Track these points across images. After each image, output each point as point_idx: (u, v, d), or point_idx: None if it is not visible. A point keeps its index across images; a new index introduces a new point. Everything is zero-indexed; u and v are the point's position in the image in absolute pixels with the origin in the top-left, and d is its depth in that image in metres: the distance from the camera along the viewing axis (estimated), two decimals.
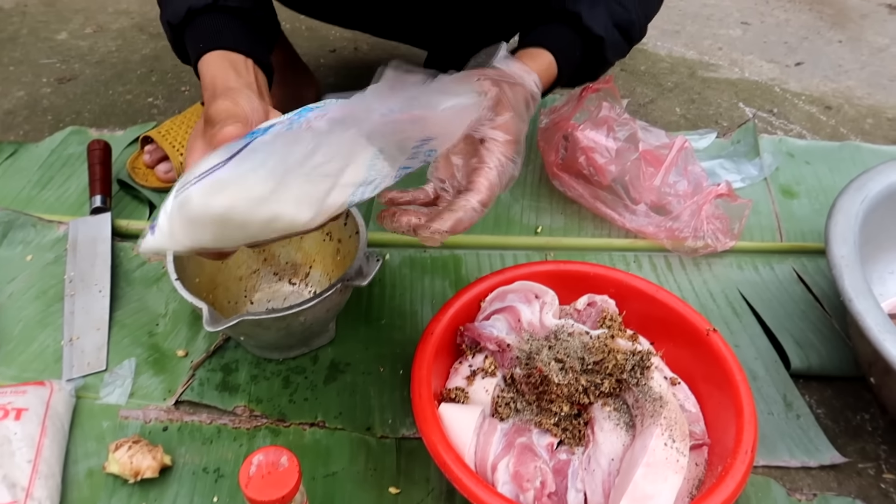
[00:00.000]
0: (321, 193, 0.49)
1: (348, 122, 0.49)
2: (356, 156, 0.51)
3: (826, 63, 1.42)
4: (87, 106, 1.22)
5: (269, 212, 0.48)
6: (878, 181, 0.83)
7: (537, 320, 0.72)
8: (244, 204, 0.47)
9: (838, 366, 0.80)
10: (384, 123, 0.50)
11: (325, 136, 0.48)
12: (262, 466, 0.54)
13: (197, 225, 0.49)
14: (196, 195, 0.48)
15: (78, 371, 0.76)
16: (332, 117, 0.50)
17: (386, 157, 0.52)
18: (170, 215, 0.50)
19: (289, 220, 0.49)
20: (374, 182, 0.52)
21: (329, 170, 0.49)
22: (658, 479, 0.57)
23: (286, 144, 0.48)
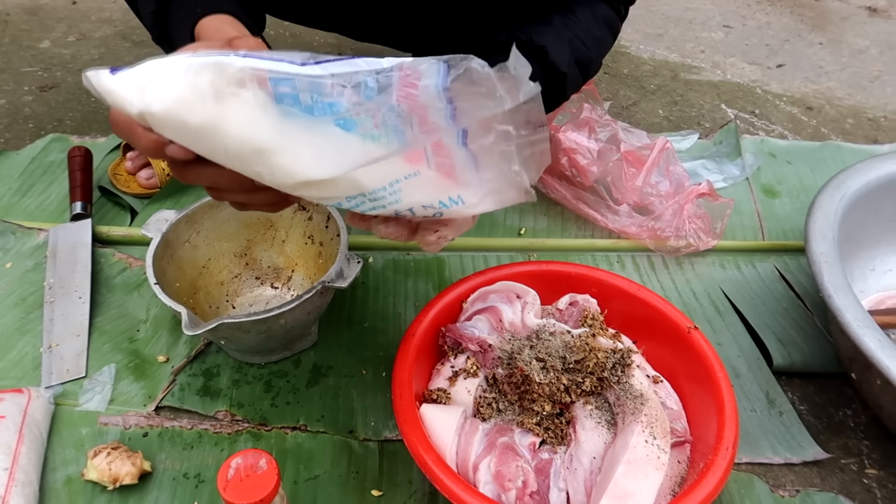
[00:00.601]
0: (358, 162, 0.43)
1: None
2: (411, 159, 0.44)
3: (807, 65, 1.44)
4: (69, 113, 1.22)
5: (286, 145, 0.41)
6: (857, 179, 0.84)
7: (519, 320, 0.72)
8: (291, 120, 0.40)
9: (820, 362, 0.80)
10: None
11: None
12: (241, 469, 0.54)
13: (199, 100, 0.41)
14: (240, 65, 0.40)
15: (57, 378, 0.76)
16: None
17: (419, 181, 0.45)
18: (168, 68, 0.41)
19: (297, 163, 0.42)
20: (382, 199, 0.47)
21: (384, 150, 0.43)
22: (639, 477, 0.57)
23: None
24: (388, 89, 0.41)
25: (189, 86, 0.41)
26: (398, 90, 0.41)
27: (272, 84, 0.41)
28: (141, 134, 0.44)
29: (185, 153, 0.44)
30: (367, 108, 0.42)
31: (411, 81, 0.42)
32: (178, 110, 0.41)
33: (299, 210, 0.82)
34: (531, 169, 0.47)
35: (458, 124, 0.43)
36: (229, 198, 0.51)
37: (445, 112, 0.42)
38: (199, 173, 0.47)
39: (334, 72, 0.41)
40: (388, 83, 0.41)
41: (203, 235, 0.80)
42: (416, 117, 0.43)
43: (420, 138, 0.43)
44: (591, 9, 0.84)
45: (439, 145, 0.44)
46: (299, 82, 0.41)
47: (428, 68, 0.42)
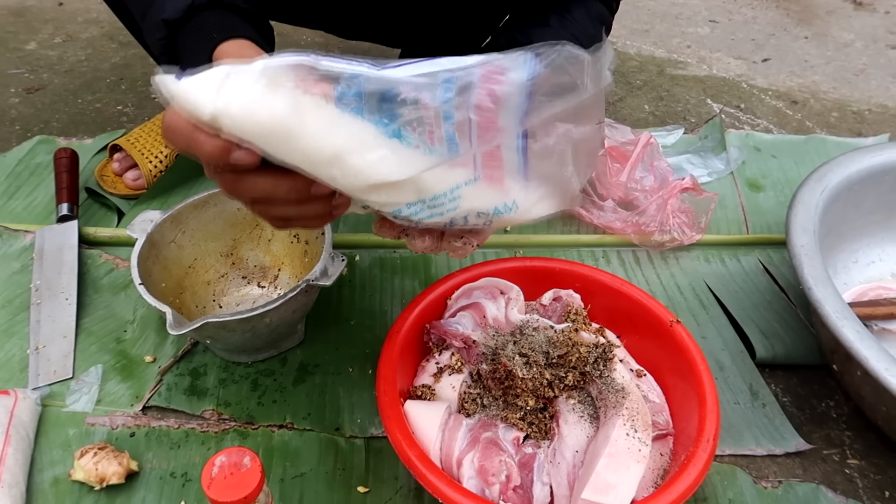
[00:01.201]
0: (421, 167, 0.43)
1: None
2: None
3: (792, 59, 1.44)
4: (56, 115, 1.22)
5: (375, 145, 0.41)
6: (838, 172, 0.84)
7: (503, 316, 0.72)
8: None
9: (803, 354, 0.81)
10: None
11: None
12: (225, 467, 0.54)
13: (279, 101, 0.40)
14: (326, 66, 0.39)
15: (44, 379, 0.76)
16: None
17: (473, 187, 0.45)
18: (244, 70, 0.40)
19: (371, 165, 0.42)
20: (441, 206, 0.46)
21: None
22: (620, 469, 0.57)
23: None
24: (469, 88, 0.41)
25: (268, 86, 0.40)
26: (480, 86, 0.41)
27: (347, 86, 0.41)
28: (204, 140, 0.42)
29: (251, 158, 0.43)
30: (429, 115, 0.42)
31: (496, 76, 0.41)
32: (256, 110, 0.40)
33: None
34: (581, 171, 0.47)
35: (523, 125, 0.43)
36: (278, 211, 0.50)
37: (519, 109, 0.42)
38: (255, 183, 0.46)
39: (416, 72, 0.41)
40: (469, 80, 0.41)
41: (189, 235, 0.81)
42: (480, 121, 0.42)
43: (477, 145, 0.43)
44: (585, 7, 0.84)
45: (496, 150, 0.44)
46: (372, 85, 0.41)
47: (514, 61, 0.42)
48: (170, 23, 0.64)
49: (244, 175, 0.45)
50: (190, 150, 0.44)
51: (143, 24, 0.68)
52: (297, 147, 0.42)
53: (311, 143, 0.41)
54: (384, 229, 0.53)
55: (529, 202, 0.48)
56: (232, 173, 0.45)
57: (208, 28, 0.62)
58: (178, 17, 0.64)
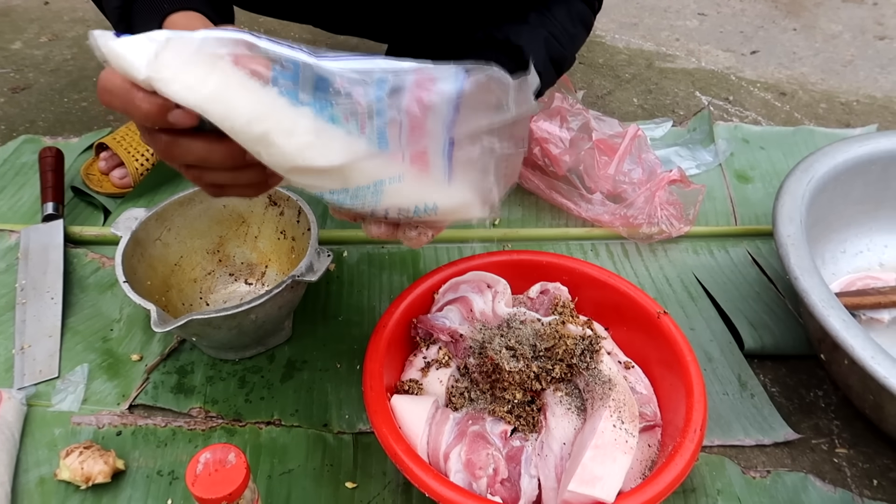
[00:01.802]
0: (347, 158, 0.44)
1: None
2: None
3: (781, 51, 1.44)
4: (42, 115, 1.21)
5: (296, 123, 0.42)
6: (825, 162, 0.84)
7: (490, 309, 0.72)
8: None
9: (792, 345, 0.81)
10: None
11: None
12: (210, 464, 0.54)
13: (216, 70, 0.40)
14: (263, 46, 0.40)
15: (30, 379, 0.75)
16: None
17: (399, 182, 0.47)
18: (184, 37, 0.41)
19: (295, 149, 0.43)
20: (363, 197, 0.48)
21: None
22: (607, 461, 0.57)
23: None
24: (400, 91, 0.43)
25: (205, 56, 0.41)
26: (411, 91, 0.43)
27: (283, 69, 0.41)
28: (141, 99, 0.42)
29: (188, 119, 0.43)
30: (361, 109, 0.43)
31: (426, 85, 0.43)
32: (190, 78, 0.41)
33: (270, 205, 0.82)
34: (501, 184, 0.49)
35: (449, 133, 0.45)
36: (212, 178, 0.50)
37: (447, 118, 0.44)
38: (190, 146, 0.46)
39: (352, 67, 0.42)
40: (401, 85, 0.43)
41: (174, 233, 0.80)
42: (409, 123, 0.44)
43: (405, 145, 0.45)
44: (566, 6, 0.84)
45: (423, 153, 0.46)
46: (307, 72, 0.42)
47: (445, 73, 0.43)
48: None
49: (179, 138, 0.45)
50: (126, 109, 0.43)
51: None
52: (228, 119, 0.42)
53: (241, 119, 0.42)
54: (339, 213, 0.53)
55: (449, 206, 0.50)
56: (167, 135, 0.45)
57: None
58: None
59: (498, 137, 0.46)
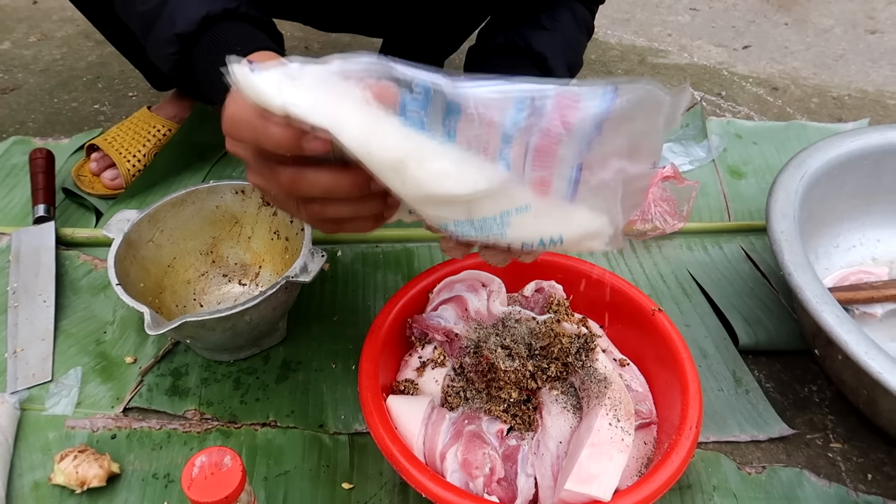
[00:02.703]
0: (476, 189, 0.43)
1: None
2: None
3: (773, 45, 1.45)
4: (32, 115, 1.20)
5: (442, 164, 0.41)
6: (817, 158, 0.84)
7: (485, 308, 0.72)
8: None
9: (786, 340, 0.81)
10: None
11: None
12: (205, 467, 0.54)
13: (349, 99, 0.39)
14: (401, 70, 0.39)
15: (23, 383, 0.75)
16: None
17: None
18: (318, 67, 0.40)
19: (428, 178, 0.42)
20: (488, 228, 0.46)
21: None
22: (603, 459, 0.57)
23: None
24: (541, 111, 0.40)
25: (341, 82, 0.40)
26: (553, 112, 0.40)
27: (414, 95, 0.40)
28: (276, 128, 0.42)
29: (322, 144, 0.42)
30: (494, 135, 0.41)
31: (570, 105, 0.40)
32: (324, 105, 0.40)
33: (264, 206, 0.82)
34: (626, 210, 0.46)
35: (583, 157, 0.42)
36: (334, 211, 0.48)
37: (585, 140, 0.41)
38: (317, 177, 0.45)
39: (488, 90, 0.40)
40: (543, 105, 0.40)
41: (167, 234, 0.80)
42: (546, 149, 0.42)
43: (535, 172, 0.43)
44: (570, 10, 0.83)
45: (549, 178, 0.43)
46: (439, 98, 0.40)
47: (591, 92, 0.40)
48: (183, 37, 0.62)
49: (305, 170, 0.45)
50: (257, 138, 0.43)
51: (147, 40, 0.65)
52: (363, 145, 0.41)
53: (375, 146, 0.41)
54: (452, 250, 0.52)
55: (575, 237, 0.47)
56: (293, 168, 0.45)
57: (228, 41, 0.60)
58: (192, 30, 0.61)
59: (629, 157, 0.43)
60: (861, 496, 0.68)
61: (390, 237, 0.94)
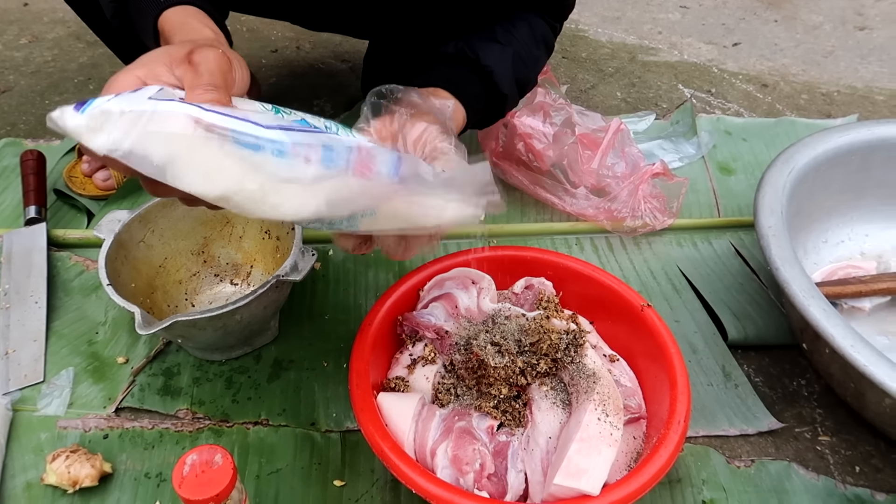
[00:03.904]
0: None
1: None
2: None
3: (762, 42, 1.45)
4: (23, 117, 1.20)
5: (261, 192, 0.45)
6: (805, 153, 0.85)
7: (475, 306, 0.72)
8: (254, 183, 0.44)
9: (775, 335, 0.82)
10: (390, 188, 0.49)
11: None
12: (196, 466, 0.54)
13: (171, 147, 0.42)
14: (208, 120, 0.43)
15: (15, 384, 0.75)
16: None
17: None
18: (130, 113, 0.42)
19: (255, 203, 0.46)
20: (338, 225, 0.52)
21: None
22: (592, 454, 0.58)
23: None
24: (346, 167, 0.47)
25: (158, 130, 0.42)
26: (354, 168, 0.47)
27: (233, 140, 0.43)
28: (111, 161, 0.44)
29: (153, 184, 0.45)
30: (310, 172, 0.46)
31: (367, 164, 0.47)
32: (141, 153, 0.42)
33: None
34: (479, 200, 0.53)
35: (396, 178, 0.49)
36: (203, 206, 0.49)
37: (389, 186, 0.49)
38: (171, 190, 0.46)
39: (297, 141, 0.45)
40: (346, 162, 0.47)
41: (158, 234, 0.80)
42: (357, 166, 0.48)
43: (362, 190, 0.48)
44: (528, 25, 0.83)
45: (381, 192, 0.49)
46: (260, 143, 0.44)
47: (382, 157, 0.49)
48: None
49: (157, 184, 0.46)
50: (111, 166, 0.45)
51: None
52: (183, 184, 0.44)
53: (197, 182, 0.44)
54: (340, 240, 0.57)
55: (429, 230, 0.55)
56: (147, 181, 0.46)
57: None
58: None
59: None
60: (849, 489, 0.68)
61: None
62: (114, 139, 0.42)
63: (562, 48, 1.42)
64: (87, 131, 0.42)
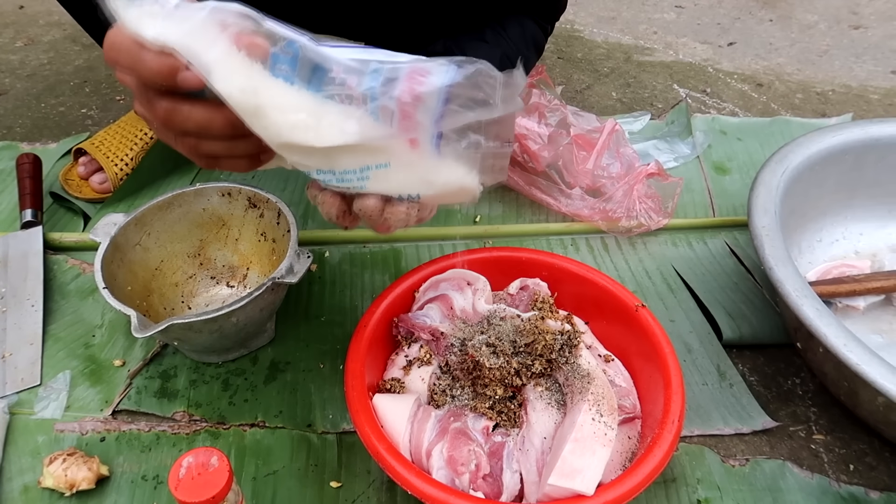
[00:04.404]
0: (337, 140, 0.46)
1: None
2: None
3: (757, 42, 1.46)
4: (19, 120, 1.20)
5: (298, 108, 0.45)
6: (799, 153, 0.85)
7: (470, 307, 0.73)
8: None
9: (769, 334, 0.82)
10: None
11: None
12: (192, 468, 0.54)
13: (219, 40, 0.42)
14: (268, 25, 0.43)
15: (11, 388, 0.75)
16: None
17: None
18: (196, 8, 0.43)
19: (286, 126, 0.45)
20: (349, 181, 0.50)
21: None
22: (586, 454, 0.58)
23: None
24: (394, 81, 0.45)
25: (213, 23, 0.42)
26: (404, 82, 0.45)
27: (283, 49, 0.44)
28: (151, 58, 0.43)
29: (196, 80, 0.43)
30: (355, 95, 0.45)
31: (419, 77, 0.45)
32: (196, 45, 0.42)
33: (250, 208, 0.82)
34: (488, 177, 0.51)
35: (438, 126, 0.46)
36: (208, 147, 0.50)
37: (435, 112, 0.46)
38: (191, 112, 0.46)
39: (350, 56, 0.45)
40: (395, 76, 0.45)
41: (154, 237, 0.80)
42: (401, 113, 0.45)
43: (397, 133, 0.46)
44: (520, 26, 0.84)
45: (413, 142, 0.47)
46: (306, 54, 0.44)
47: (437, 67, 0.46)
48: None
49: (181, 103, 0.46)
50: (134, 67, 0.44)
51: None
52: (227, 86, 0.43)
53: (237, 89, 0.43)
54: (317, 197, 0.54)
55: (431, 195, 0.52)
56: (168, 101, 0.46)
57: None
58: None
59: (484, 134, 0.47)
60: (843, 487, 0.69)
61: (378, 237, 0.94)
62: (170, 24, 0.42)
63: (557, 49, 1.42)
64: (138, 14, 0.43)
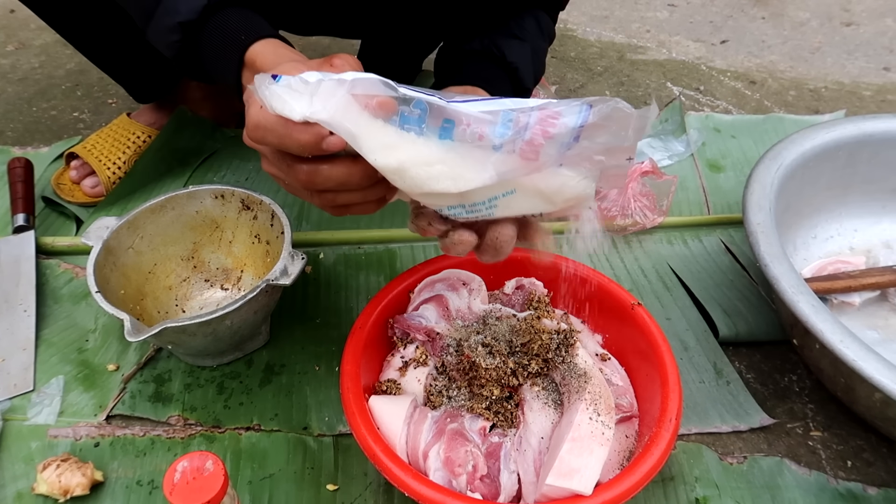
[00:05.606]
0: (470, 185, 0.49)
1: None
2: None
3: (750, 39, 1.46)
4: (10, 124, 1.19)
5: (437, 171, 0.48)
6: (792, 150, 0.85)
7: (466, 307, 0.72)
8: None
9: (766, 331, 0.82)
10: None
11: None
12: (187, 473, 0.54)
13: (360, 114, 0.46)
14: (402, 91, 0.46)
15: (4, 393, 0.75)
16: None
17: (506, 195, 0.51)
18: (333, 81, 0.46)
19: (425, 178, 0.48)
20: (478, 211, 0.52)
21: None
22: (584, 453, 0.58)
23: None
24: (526, 126, 0.47)
25: (355, 94, 0.46)
26: (536, 126, 0.47)
27: (414, 108, 0.47)
28: (301, 130, 0.47)
29: (340, 142, 0.47)
30: (485, 144, 0.47)
31: (551, 120, 0.47)
32: (341, 117, 0.46)
33: (244, 210, 0.82)
34: (606, 184, 0.53)
35: (566, 158, 0.48)
36: (345, 198, 0.54)
37: (565, 147, 0.48)
38: (332, 171, 0.50)
39: (480, 109, 0.47)
40: (527, 121, 0.47)
41: (147, 241, 0.80)
42: (533, 154, 0.48)
43: (530, 172, 0.48)
44: (535, 19, 0.84)
45: (538, 166, 0.49)
46: (436, 111, 0.47)
47: (569, 108, 0.47)
48: (186, 25, 0.63)
49: (321, 164, 0.50)
50: (282, 142, 0.48)
51: (147, 28, 0.66)
52: (372, 150, 0.48)
53: (382, 153, 0.47)
54: (427, 228, 0.57)
55: (554, 211, 0.54)
56: (309, 164, 0.50)
57: (232, 29, 0.62)
58: (194, 18, 0.63)
59: (606, 155, 0.49)
60: (841, 483, 0.69)
61: (372, 238, 0.94)
62: (313, 105, 0.46)
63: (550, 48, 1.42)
64: (285, 96, 0.46)
